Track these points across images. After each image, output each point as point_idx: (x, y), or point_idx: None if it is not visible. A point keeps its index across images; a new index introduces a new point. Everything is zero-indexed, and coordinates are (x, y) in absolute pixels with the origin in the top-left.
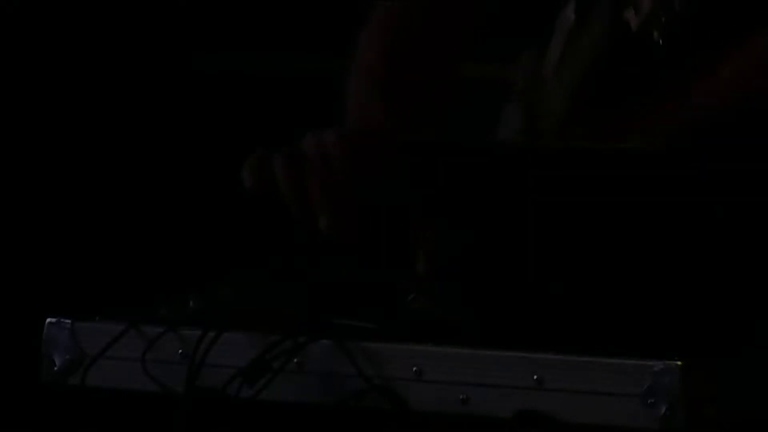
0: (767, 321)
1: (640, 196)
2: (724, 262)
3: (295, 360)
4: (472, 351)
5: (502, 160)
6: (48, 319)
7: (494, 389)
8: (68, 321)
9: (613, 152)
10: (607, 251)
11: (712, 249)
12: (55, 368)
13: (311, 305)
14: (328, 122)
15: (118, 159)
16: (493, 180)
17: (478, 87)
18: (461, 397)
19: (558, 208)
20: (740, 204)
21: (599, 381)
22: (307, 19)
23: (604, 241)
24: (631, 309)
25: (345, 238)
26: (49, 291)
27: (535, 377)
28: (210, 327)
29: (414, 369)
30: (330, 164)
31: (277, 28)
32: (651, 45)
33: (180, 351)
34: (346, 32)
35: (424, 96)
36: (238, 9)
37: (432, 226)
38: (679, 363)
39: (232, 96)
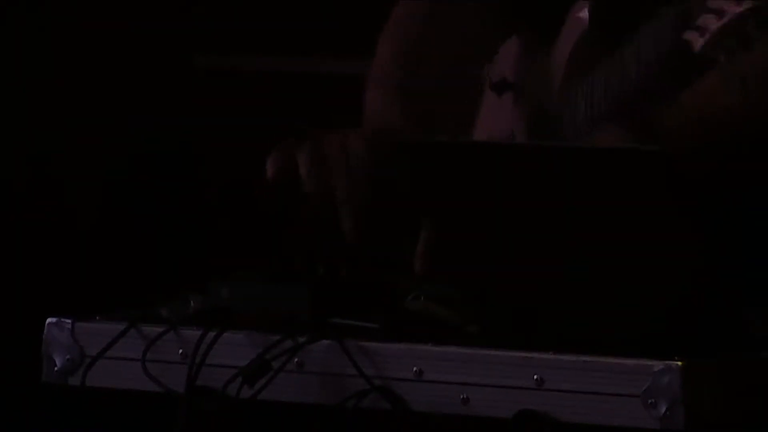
0: (765, 320)
1: (639, 195)
2: (722, 262)
3: (295, 360)
4: (472, 351)
5: (507, 159)
6: (48, 319)
7: (494, 389)
8: (68, 321)
9: (614, 151)
10: (606, 251)
11: (711, 248)
12: (56, 368)
13: (312, 305)
14: (328, 123)
15: (118, 159)
16: (496, 179)
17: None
18: (461, 397)
19: (558, 207)
20: (738, 203)
21: (599, 381)
22: (309, 19)
23: (604, 241)
24: (631, 309)
25: (361, 239)
26: (49, 291)
27: (535, 377)
28: (210, 327)
29: (414, 369)
30: (352, 166)
31: (278, 28)
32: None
33: (180, 351)
34: (347, 33)
35: (439, 95)
36: (239, 9)
37: (434, 225)
38: (679, 363)
39: (232, 96)
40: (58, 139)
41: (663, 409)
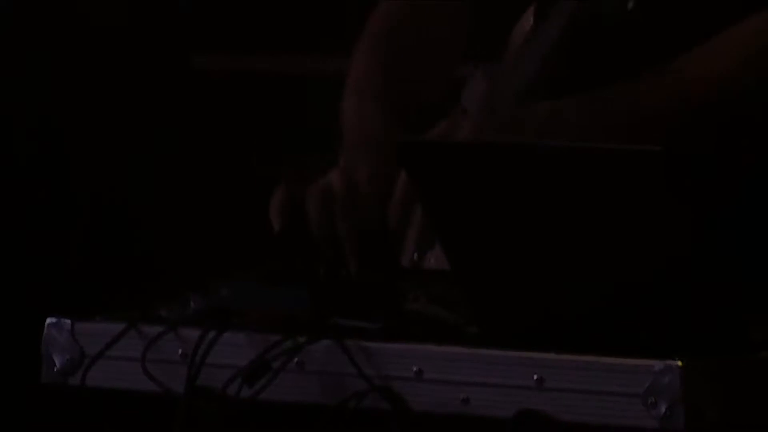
0: (765, 321)
1: (637, 195)
2: (722, 262)
3: (295, 360)
4: (472, 351)
5: (505, 159)
6: (48, 319)
7: (494, 389)
8: (68, 321)
9: (612, 151)
10: (606, 251)
11: (710, 249)
12: (55, 368)
13: (312, 305)
14: (326, 123)
15: (117, 158)
16: (495, 179)
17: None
18: (461, 397)
19: (557, 207)
20: (738, 203)
21: (599, 381)
22: (307, 19)
23: (602, 241)
24: (631, 309)
25: (372, 272)
26: (49, 291)
27: (535, 377)
28: (210, 327)
29: (414, 369)
30: (360, 204)
31: (277, 28)
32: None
33: (180, 351)
34: (345, 32)
35: (420, 99)
36: (239, 9)
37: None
38: (679, 363)
39: (232, 96)
40: (57, 138)
41: (663, 409)
